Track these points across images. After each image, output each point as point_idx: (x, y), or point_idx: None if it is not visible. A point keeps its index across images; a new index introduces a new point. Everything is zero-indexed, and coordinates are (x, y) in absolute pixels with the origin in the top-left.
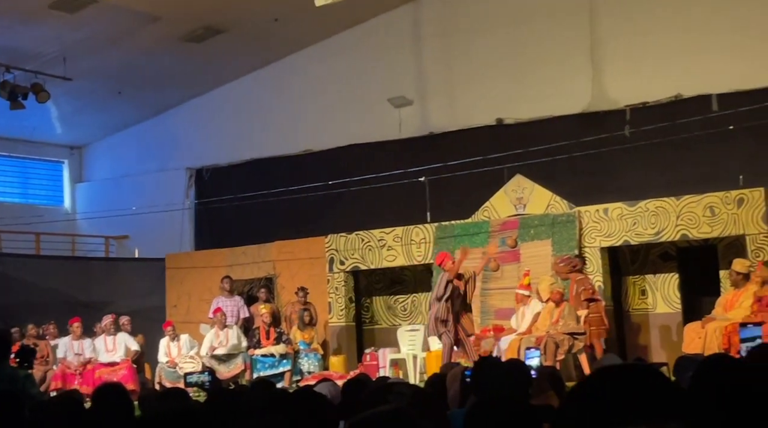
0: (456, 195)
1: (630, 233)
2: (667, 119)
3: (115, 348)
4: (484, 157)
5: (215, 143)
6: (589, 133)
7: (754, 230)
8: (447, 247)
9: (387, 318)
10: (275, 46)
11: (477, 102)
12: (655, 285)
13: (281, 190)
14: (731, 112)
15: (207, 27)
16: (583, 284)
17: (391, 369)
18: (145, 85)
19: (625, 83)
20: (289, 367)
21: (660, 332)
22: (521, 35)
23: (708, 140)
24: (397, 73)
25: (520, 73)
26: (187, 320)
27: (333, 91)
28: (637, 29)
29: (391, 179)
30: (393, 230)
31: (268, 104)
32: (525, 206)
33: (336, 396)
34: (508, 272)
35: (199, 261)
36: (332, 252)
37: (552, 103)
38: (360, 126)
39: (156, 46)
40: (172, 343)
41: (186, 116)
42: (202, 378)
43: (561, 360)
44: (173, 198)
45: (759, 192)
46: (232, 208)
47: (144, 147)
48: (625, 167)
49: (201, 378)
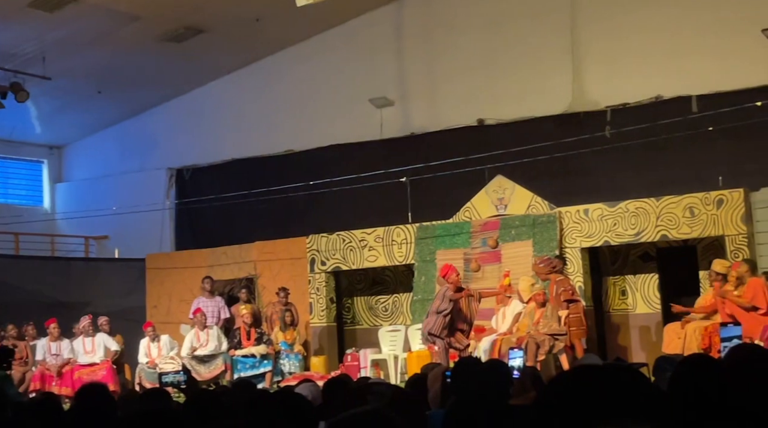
0: (437, 196)
1: (610, 233)
2: (647, 120)
3: (94, 349)
4: (465, 157)
5: (196, 143)
6: (569, 134)
7: (734, 231)
8: (428, 247)
9: (368, 319)
10: (256, 47)
11: (458, 103)
12: (635, 286)
13: (262, 190)
14: (711, 113)
15: (187, 27)
16: (563, 285)
17: (372, 370)
18: (125, 85)
19: (606, 84)
20: (269, 368)
21: (640, 332)
22: (502, 36)
23: (688, 141)
24: (379, 74)
25: (501, 74)
26: (167, 320)
27: (314, 91)
28: (617, 30)
29: (373, 180)
30: (374, 230)
31: (249, 104)
32: (506, 207)
33: (317, 397)
34: (489, 273)
35: (180, 262)
36: (313, 253)
37: (533, 104)
38: (341, 126)
39: (136, 46)
40: (152, 344)
41: (166, 116)
42: (177, 377)
43: (542, 360)
44: (154, 198)
45: (738, 193)
46: (213, 208)
47: (124, 147)
48: (606, 167)
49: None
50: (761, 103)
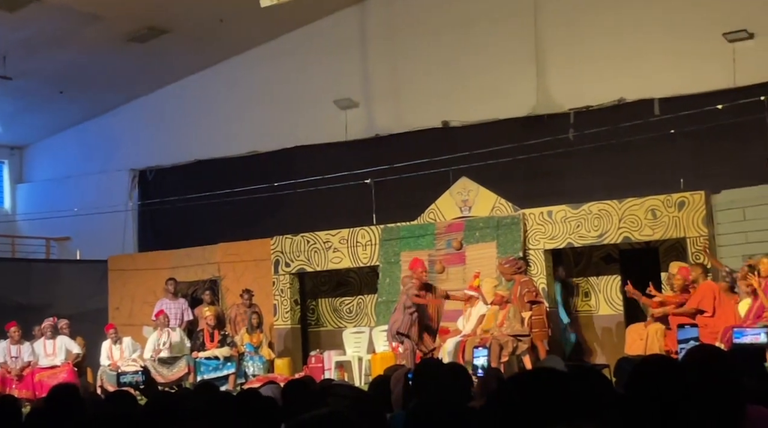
0: (402, 197)
1: (573, 235)
2: (610, 122)
3: (55, 352)
4: (429, 159)
5: (159, 144)
6: (533, 136)
7: (695, 233)
8: (393, 249)
9: (332, 320)
10: (220, 47)
11: (423, 104)
12: (598, 287)
13: (226, 191)
14: (673, 116)
15: (151, 27)
16: (527, 287)
17: (336, 371)
18: (87, 85)
19: (569, 87)
20: (233, 370)
21: (602, 333)
22: (467, 38)
23: (650, 144)
24: (343, 76)
25: (466, 76)
26: (129, 322)
27: (278, 92)
28: (580, 34)
29: (337, 181)
30: (339, 232)
31: (213, 105)
32: (470, 209)
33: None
34: (453, 274)
35: (143, 263)
36: (278, 254)
37: (497, 106)
38: (306, 128)
39: (99, 46)
40: (114, 346)
41: (129, 117)
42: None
43: (505, 361)
44: (116, 199)
45: (700, 195)
46: (177, 209)
47: (86, 148)
48: (569, 170)
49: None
50: (722, 107)
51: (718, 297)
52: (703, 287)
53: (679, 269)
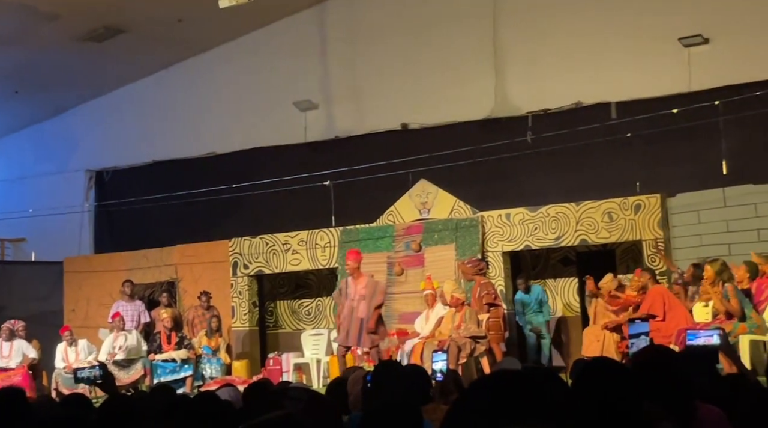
0: (361, 199)
1: (531, 237)
2: (567, 125)
3: (11, 355)
4: (389, 161)
5: (117, 145)
6: (492, 139)
7: (651, 236)
8: None
9: (291, 323)
10: (179, 47)
11: (382, 107)
12: (556, 289)
13: (184, 193)
14: (629, 120)
15: (108, 26)
16: (486, 289)
17: (294, 374)
18: (43, 85)
19: (528, 90)
20: (190, 372)
21: (560, 335)
22: (426, 41)
23: (607, 147)
24: (303, 77)
25: (425, 79)
26: (85, 324)
27: (238, 93)
28: (539, 37)
29: (296, 183)
30: (298, 234)
31: (171, 106)
32: (429, 211)
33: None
34: (412, 277)
35: (99, 265)
36: (236, 256)
37: (456, 108)
38: (265, 129)
39: (55, 45)
40: (70, 348)
41: (86, 117)
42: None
43: (463, 363)
44: (72, 200)
45: (655, 198)
46: (134, 211)
47: (42, 148)
48: (527, 172)
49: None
50: (677, 111)
51: (667, 301)
52: (652, 292)
53: (637, 271)
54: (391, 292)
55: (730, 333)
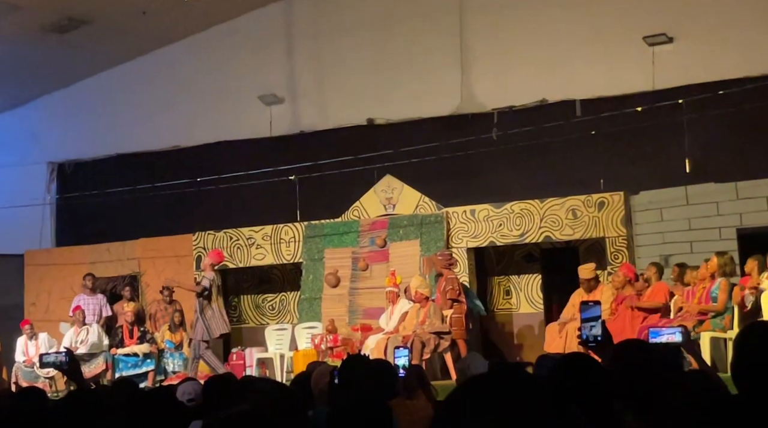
0: (326, 194)
1: (496, 234)
2: (532, 123)
3: None
4: (354, 157)
5: (79, 137)
6: (457, 135)
7: (614, 233)
8: (316, 246)
9: (255, 317)
10: (143, 40)
11: (348, 102)
12: (519, 286)
13: (148, 186)
14: (594, 117)
15: (70, 18)
16: (451, 284)
17: (258, 369)
18: (4, 76)
19: (493, 87)
20: (152, 367)
21: (523, 331)
22: (392, 36)
23: (571, 145)
24: (268, 71)
25: (391, 74)
26: (46, 318)
27: (203, 87)
28: (505, 34)
29: (261, 177)
30: (262, 228)
31: (135, 98)
32: (394, 206)
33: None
34: (376, 272)
35: (60, 258)
36: (200, 250)
37: (422, 104)
38: (230, 123)
39: (16, 36)
40: (30, 342)
41: (48, 109)
42: (59, 357)
43: (427, 359)
44: (33, 193)
45: (619, 196)
46: (96, 204)
47: (3, 140)
48: (492, 169)
49: (58, 358)
50: (642, 109)
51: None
52: (659, 287)
53: (624, 266)
54: (355, 287)
55: (692, 329)
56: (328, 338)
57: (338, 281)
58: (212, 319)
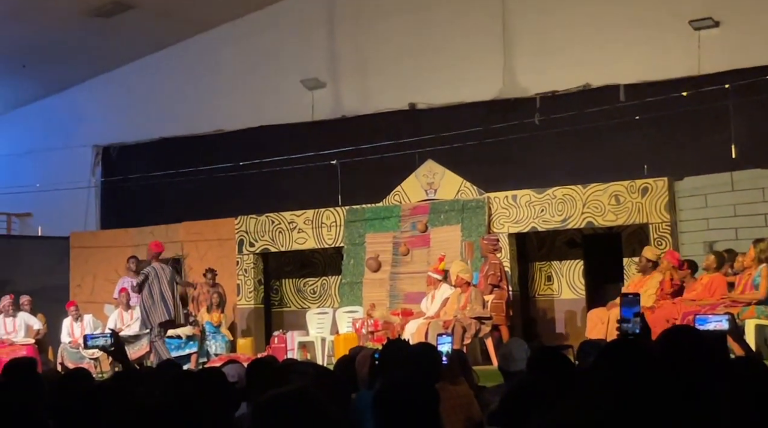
0: (367, 179)
1: (537, 219)
2: (575, 108)
3: (15, 329)
4: (396, 141)
5: (123, 121)
6: (499, 120)
7: (657, 219)
8: (357, 230)
9: (296, 301)
10: (187, 24)
11: (390, 86)
12: (561, 271)
13: (191, 170)
14: (638, 102)
15: (116, 2)
16: (493, 269)
17: (299, 352)
18: (51, 60)
19: (536, 72)
20: (195, 349)
21: (565, 317)
22: (434, 20)
23: (615, 130)
24: (311, 55)
25: (434, 59)
26: (91, 300)
27: (245, 71)
28: (548, 18)
29: (303, 162)
30: (304, 212)
31: (179, 82)
32: (435, 191)
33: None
34: (417, 257)
35: (105, 240)
36: (242, 234)
37: (464, 89)
38: (272, 107)
39: (63, 20)
40: (75, 323)
41: (94, 93)
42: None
43: (468, 344)
44: (79, 176)
45: (663, 182)
46: (140, 187)
47: (49, 123)
48: (534, 154)
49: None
50: (687, 94)
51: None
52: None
53: (668, 253)
54: (396, 272)
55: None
56: (369, 322)
57: (379, 265)
58: (151, 308)
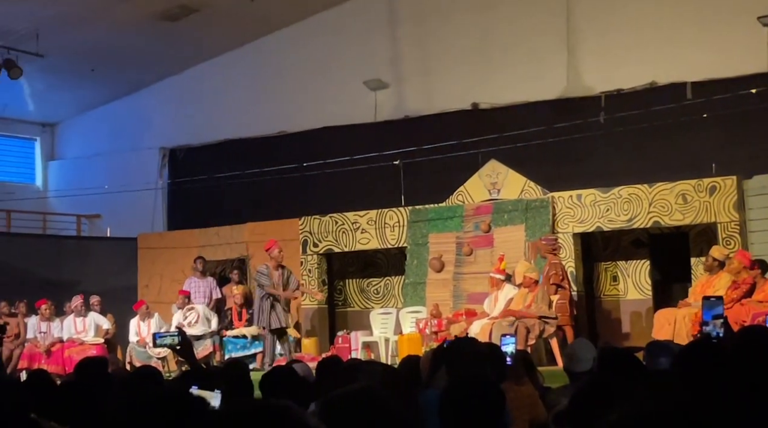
0: (430, 179)
1: (603, 219)
2: (641, 106)
3: (85, 329)
4: (459, 141)
5: (189, 123)
6: (563, 119)
7: (726, 218)
8: (421, 231)
9: (360, 301)
10: (251, 27)
11: (452, 86)
12: (627, 272)
13: (255, 171)
14: (705, 100)
15: (182, 6)
16: (555, 269)
17: (363, 352)
18: (118, 64)
19: (601, 70)
20: (260, 349)
21: (631, 318)
22: (496, 18)
23: (682, 128)
24: (373, 56)
25: (496, 58)
26: (158, 300)
27: (308, 72)
28: (613, 16)
29: (366, 162)
30: (367, 213)
31: (242, 85)
32: (499, 191)
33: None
34: (481, 257)
35: (172, 241)
36: (306, 234)
37: (527, 88)
38: (335, 108)
39: (130, 24)
40: (143, 323)
41: (160, 95)
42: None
43: (532, 345)
44: (146, 178)
45: (731, 180)
46: (206, 188)
47: (117, 126)
48: (599, 153)
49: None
50: (756, 91)
51: None
52: None
53: (739, 253)
54: (460, 272)
55: None
56: (433, 322)
57: (442, 265)
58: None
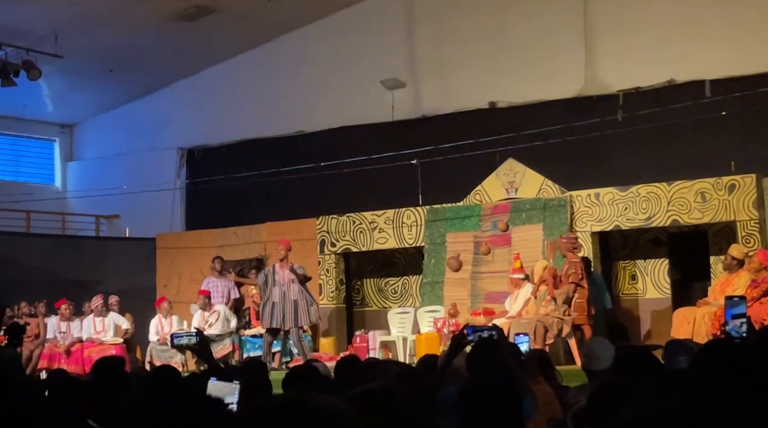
0: (448, 178)
1: (621, 218)
2: (660, 104)
3: (105, 329)
4: (476, 140)
5: (207, 123)
6: (581, 117)
7: (745, 217)
8: (438, 230)
9: (377, 301)
10: (268, 26)
11: (470, 85)
12: (645, 270)
13: (273, 171)
14: (724, 98)
15: (199, 6)
16: (574, 268)
17: (380, 351)
18: (136, 64)
19: (619, 68)
20: (278, 348)
21: (650, 316)
22: (513, 17)
23: (700, 126)
24: (390, 56)
25: (514, 57)
26: (177, 300)
27: (325, 72)
28: (631, 13)
29: (383, 162)
30: (384, 212)
31: (260, 85)
32: (517, 190)
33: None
34: (499, 256)
35: (190, 241)
36: (323, 234)
37: (545, 87)
38: (352, 108)
39: (148, 25)
40: (164, 320)
41: (178, 96)
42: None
43: (551, 344)
44: (164, 178)
45: (750, 178)
46: (224, 188)
47: (135, 126)
48: (618, 152)
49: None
50: None
51: None
52: None
53: (760, 252)
54: (477, 271)
55: None
56: (451, 321)
57: (460, 265)
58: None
